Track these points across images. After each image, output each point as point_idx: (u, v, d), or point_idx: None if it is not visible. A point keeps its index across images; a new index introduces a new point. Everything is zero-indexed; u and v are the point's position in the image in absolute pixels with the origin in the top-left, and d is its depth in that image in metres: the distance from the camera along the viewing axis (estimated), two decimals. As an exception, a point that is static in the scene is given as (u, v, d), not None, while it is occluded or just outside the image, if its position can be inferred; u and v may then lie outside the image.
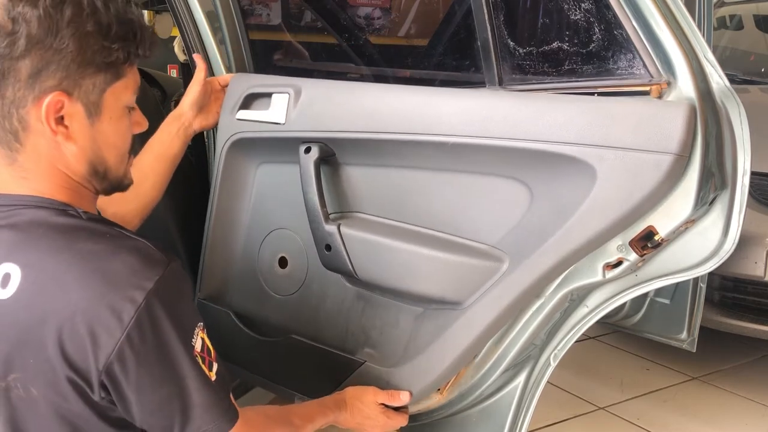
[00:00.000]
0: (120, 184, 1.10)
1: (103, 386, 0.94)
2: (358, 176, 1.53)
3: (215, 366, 1.02)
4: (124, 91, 1.03)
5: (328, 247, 1.49)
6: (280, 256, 1.67)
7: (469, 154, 1.35)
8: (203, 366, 1.00)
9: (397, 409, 1.44)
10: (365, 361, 1.49)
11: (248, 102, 1.64)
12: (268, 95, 1.60)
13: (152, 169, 1.55)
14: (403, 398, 1.42)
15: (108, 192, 1.10)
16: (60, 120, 0.97)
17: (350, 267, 1.48)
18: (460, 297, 1.37)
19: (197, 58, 1.68)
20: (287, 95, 1.56)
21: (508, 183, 1.34)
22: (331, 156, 1.51)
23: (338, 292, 1.58)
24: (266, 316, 1.69)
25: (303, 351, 1.58)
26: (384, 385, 1.44)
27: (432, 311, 1.44)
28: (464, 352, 1.37)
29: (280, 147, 1.60)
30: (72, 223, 0.99)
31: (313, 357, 1.57)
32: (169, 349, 0.96)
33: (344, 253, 1.47)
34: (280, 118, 1.56)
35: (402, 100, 1.43)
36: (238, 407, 1.06)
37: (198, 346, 0.99)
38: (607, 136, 1.19)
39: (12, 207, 0.99)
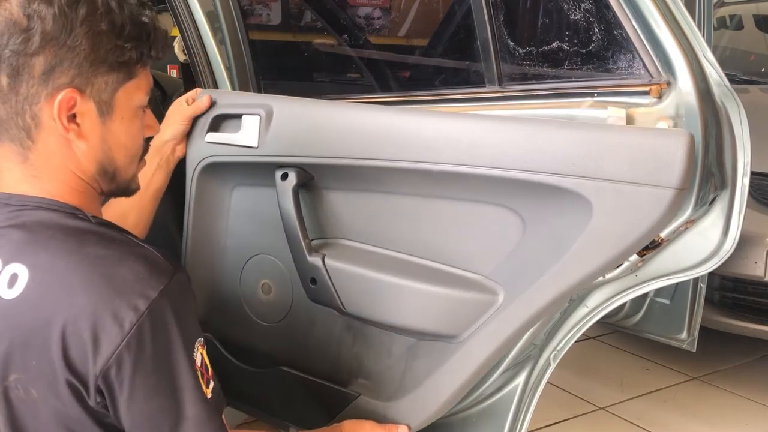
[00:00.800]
0: (127, 188, 1.11)
1: (99, 391, 0.93)
2: (339, 201, 1.45)
3: (212, 384, 1.01)
4: (137, 91, 1.04)
5: (314, 281, 1.43)
6: (262, 282, 1.60)
7: (456, 182, 1.29)
8: (201, 381, 0.98)
9: None
10: (360, 395, 1.44)
11: (217, 124, 1.53)
12: (238, 116, 1.50)
13: (133, 207, 1.46)
14: None
15: (114, 194, 1.10)
16: (72, 118, 0.98)
17: (338, 302, 1.42)
18: (456, 331, 1.33)
19: (207, 98, 1.55)
20: (258, 117, 1.46)
21: (499, 211, 1.28)
22: (309, 180, 1.45)
23: (327, 320, 1.51)
24: (253, 344, 1.62)
25: (295, 383, 1.53)
26: (381, 419, 1.40)
27: (427, 342, 1.40)
28: (462, 385, 1.33)
29: (254, 171, 1.52)
30: (81, 226, 0.99)
31: (306, 389, 1.52)
32: (167, 360, 0.95)
33: (331, 287, 1.41)
34: (253, 142, 1.46)
35: (382, 124, 1.35)
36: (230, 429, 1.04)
37: (198, 361, 0.98)
38: (602, 168, 1.13)
39: (22, 207, 1.00)
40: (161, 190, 1.53)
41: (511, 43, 1.44)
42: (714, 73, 1.21)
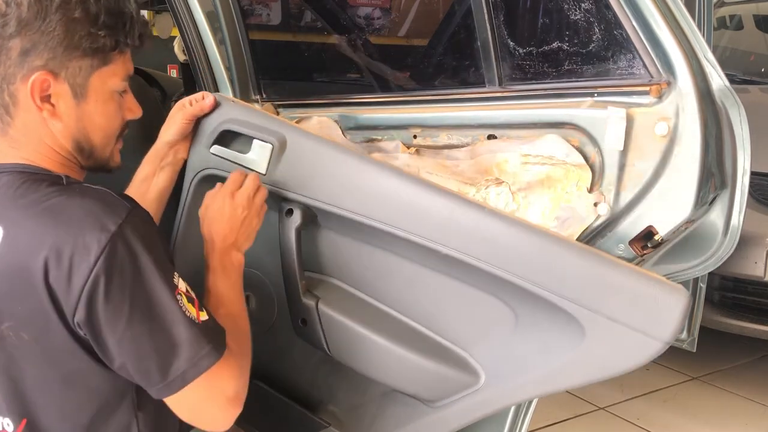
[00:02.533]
0: (105, 165, 1.17)
1: (83, 323, 0.98)
2: (340, 245, 1.45)
3: (205, 310, 1.06)
4: (112, 76, 1.10)
5: (304, 322, 1.44)
6: (245, 294, 1.55)
7: (460, 266, 1.29)
8: (190, 306, 1.03)
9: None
10: (330, 425, 1.48)
11: (224, 138, 1.48)
12: (249, 137, 1.45)
13: None
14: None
15: (94, 170, 1.16)
16: (47, 98, 1.05)
17: (325, 346, 1.44)
18: (433, 397, 1.38)
19: (212, 99, 1.48)
20: (270, 146, 1.42)
21: (497, 302, 1.31)
22: (313, 218, 1.44)
23: (307, 345, 1.51)
24: None
25: (267, 400, 1.54)
26: None
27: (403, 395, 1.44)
28: None
29: None
30: (49, 182, 1.05)
31: (277, 409, 1.53)
32: (143, 286, 1.00)
33: (320, 332, 1.43)
34: (261, 168, 1.43)
35: (398, 192, 1.33)
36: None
37: (182, 286, 1.04)
38: (603, 303, 1.17)
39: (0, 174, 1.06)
40: (165, 191, 1.51)
41: (511, 43, 1.44)
42: (714, 73, 1.22)
